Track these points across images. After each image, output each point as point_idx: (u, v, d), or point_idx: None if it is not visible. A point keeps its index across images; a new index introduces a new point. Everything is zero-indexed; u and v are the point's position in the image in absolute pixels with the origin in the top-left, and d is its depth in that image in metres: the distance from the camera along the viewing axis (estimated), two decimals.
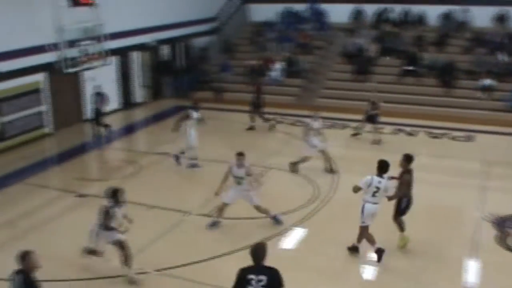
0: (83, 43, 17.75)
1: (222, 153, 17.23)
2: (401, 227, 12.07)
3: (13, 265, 7.65)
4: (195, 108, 17.56)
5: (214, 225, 13.13)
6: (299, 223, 13.41)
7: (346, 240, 12.30)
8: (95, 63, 18.28)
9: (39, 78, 20.54)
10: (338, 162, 17.40)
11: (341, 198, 14.88)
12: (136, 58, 26.08)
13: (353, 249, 11.90)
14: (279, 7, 30.68)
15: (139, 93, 26.42)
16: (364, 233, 11.59)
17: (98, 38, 18.28)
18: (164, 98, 27.07)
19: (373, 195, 11.29)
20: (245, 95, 26.03)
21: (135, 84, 26.17)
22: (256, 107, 21.85)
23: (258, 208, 13.11)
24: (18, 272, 7.63)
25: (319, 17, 29.83)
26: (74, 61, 17.39)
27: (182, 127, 17.22)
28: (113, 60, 22.63)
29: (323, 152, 17.07)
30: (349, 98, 24.58)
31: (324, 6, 29.95)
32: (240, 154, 12.86)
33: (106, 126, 21.08)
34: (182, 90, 27.69)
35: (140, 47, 26.00)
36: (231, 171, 12.98)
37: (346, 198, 14.74)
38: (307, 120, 17.39)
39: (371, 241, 11.54)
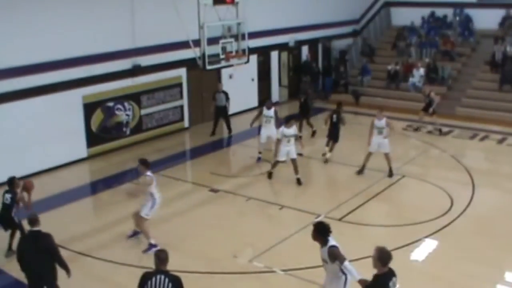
0: (223, 40, 18.08)
1: (357, 158, 17.04)
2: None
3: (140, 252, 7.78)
4: (268, 107, 18.20)
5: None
6: (431, 235, 12.91)
7: (478, 256, 11.83)
8: (234, 61, 18.56)
9: (181, 73, 21.30)
10: (475, 175, 16.68)
11: (477, 212, 14.23)
12: (275, 57, 26.35)
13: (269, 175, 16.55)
14: (423, 11, 29.85)
15: (276, 93, 26.65)
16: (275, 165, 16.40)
17: (238, 37, 18.55)
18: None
19: (288, 141, 15.96)
20: (383, 100, 25.66)
21: (273, 83, 26.43)
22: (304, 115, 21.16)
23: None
24: (169, 275, 7.56)
25: (465, 23, 28.72)
26: (214, 58, 17.76)
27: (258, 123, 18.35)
28: (252, 58, 22.94)
29: (385, 154, 16.75)
30: (493, 109, 23.53)
31: (471, 11, 28.81)
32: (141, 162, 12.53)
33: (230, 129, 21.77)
34: (320, 91, 27.70)
35: (280, 47, 26.25)
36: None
37: (483, 213, 14.20)
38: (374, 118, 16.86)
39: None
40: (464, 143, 20.39)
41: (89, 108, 18.43)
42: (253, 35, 20.61)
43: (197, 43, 17.24)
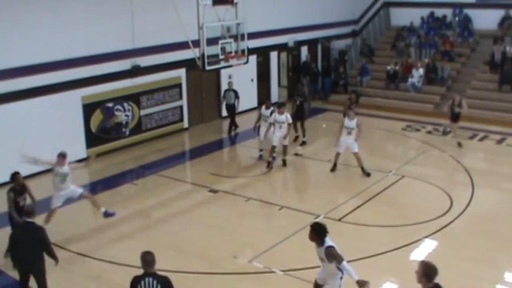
0: (222, 41, 18.06)
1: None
2: None
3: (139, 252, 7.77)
4: (267, 106, 18.52)
5: None
6: (431, 235, 12.88)
7: (477, 256, 11.82)
8: (233, 62, 18.54)
9: (180, 73, 21.31)
10: (475, 175, 16.67)
11: (477, 212, 14.21)
12: (274, 58, 26.35)
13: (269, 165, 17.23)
14: (422, 12, 29.81)
15: (275, 93, 26.65)
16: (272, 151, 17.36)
17: (237, 37, 18.54)
18: None
19: (280, 127, 17.07)
20: (383, 100, 25.66)
21: (272, 84, 26.43)
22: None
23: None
24: (158, 276, 7.55)
25: (464, 23, 28.68)
26: (213, 59, 17.74)
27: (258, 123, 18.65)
28: (252, 59, 22.91)
29: (355, 154, 16.78)
30: (492, 109, 23.52)
31: (470, 12, 28.76)
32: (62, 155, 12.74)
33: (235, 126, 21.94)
34: (319, 92, 27.68)
35: (279, 47, 26.24)
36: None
37: (482, 213, 14.16)
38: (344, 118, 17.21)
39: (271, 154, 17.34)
40: (463, 143, 20.37)
41: (88, 109, 18.45)
42: (253, 35, 20.58)
43: (196, 43, 17.22)
